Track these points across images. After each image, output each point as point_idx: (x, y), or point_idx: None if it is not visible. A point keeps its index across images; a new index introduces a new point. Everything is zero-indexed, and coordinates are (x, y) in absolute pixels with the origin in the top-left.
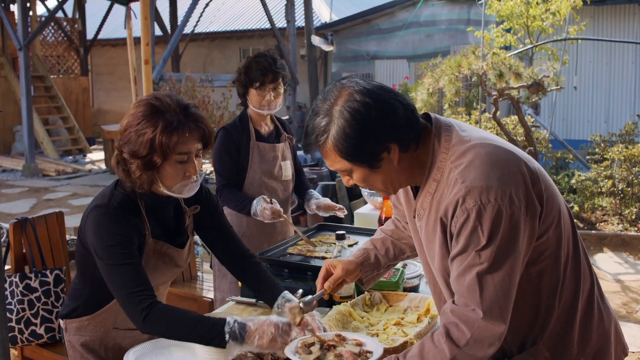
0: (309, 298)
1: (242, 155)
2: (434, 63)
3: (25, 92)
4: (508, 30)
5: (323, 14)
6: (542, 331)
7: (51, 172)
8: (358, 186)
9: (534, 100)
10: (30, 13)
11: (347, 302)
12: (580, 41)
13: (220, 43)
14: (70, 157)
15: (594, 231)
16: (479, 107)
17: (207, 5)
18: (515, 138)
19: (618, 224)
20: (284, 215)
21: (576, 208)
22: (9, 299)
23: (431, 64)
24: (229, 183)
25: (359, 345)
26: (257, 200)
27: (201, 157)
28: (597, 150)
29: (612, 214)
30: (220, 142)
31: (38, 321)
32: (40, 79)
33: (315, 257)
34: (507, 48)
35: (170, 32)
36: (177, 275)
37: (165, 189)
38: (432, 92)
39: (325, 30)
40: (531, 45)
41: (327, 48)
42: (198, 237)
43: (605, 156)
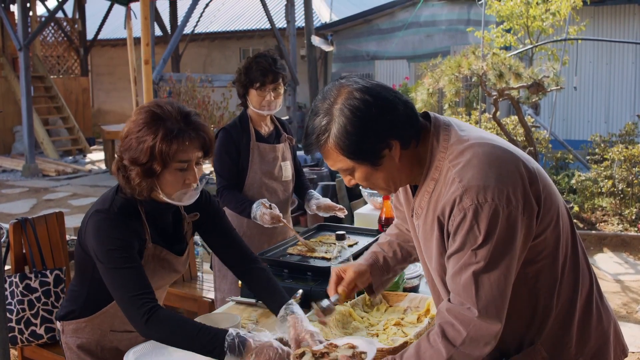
0: (326, 303)
1: (242, 155)
2: (434, 63)
3: (25, 92)
4: (508, 31)
5: (323, 14)
6: (540, 331)
7: (51, 172)
8: (358, 186)
9: (534, 100)
10: (30, 13)
11: (347, 302)
12: (580, 41)
13: (220, 43)
14: (70, 158)
15: (594, 231)
16: (479, 107)
17: (207, 5)
18: (515, 138)
19: (618, 224)
20: (283, 220)
21: (576, 208)
22: (9, 299)
23: (431, 64)
24: (229, 184)
25: (352, 347)
26: (257, 204)
27: (201, 165)
28: (597, 150)
29: (612, 214)
30: (220, 143)
31: (38, 321)
32: (40, 79)
33: (315, 258)
34: (507, 48)
35: (170, 32)
36: (175, 279)
37: (165, 197)
38: (432, 92)
39: (325, 30)
40: (531, 46)
41: (327, 48)
42: (198, 237)
43: (605, 156)
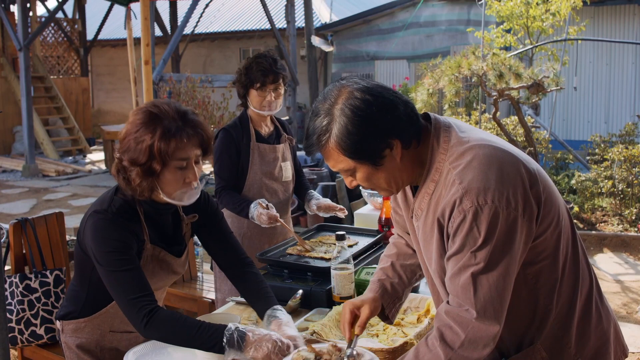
0: (350, 351)
1: (243, 156)
2: (434, 63)
3: (25, 92)
4: (508, 31)
5: (323, 14)
6: (540, 331)
7: (51, 172)
8: (358, 187)
9: (534, 100)
10: (30, 13)
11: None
12: (580, 42)
13: (220, 43)
14: (70, 158)
15: (594, 232)
16: (479, 107)
17: (207, 5)
18: (515, 139)
19: (618, 224)
20: (281, 220)
21: (576, 209)
22: (9, 300)
23: (431, 64)
24: (228, 185)
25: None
26: (254, 204)
27: (201, 163)
28: (597, 150)
29: (612, 214)
30: (220, 143)
31: (38, 322)
32: (40, 80)
33: (314, 258)
34: (507, 48)
35: (170, 33)
36: (174, 280)
37: (165, 196)
38: (432, 92)
39: (325, 30)
40: (531, 46)
41: (327, 48)
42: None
43: (605, 157)
